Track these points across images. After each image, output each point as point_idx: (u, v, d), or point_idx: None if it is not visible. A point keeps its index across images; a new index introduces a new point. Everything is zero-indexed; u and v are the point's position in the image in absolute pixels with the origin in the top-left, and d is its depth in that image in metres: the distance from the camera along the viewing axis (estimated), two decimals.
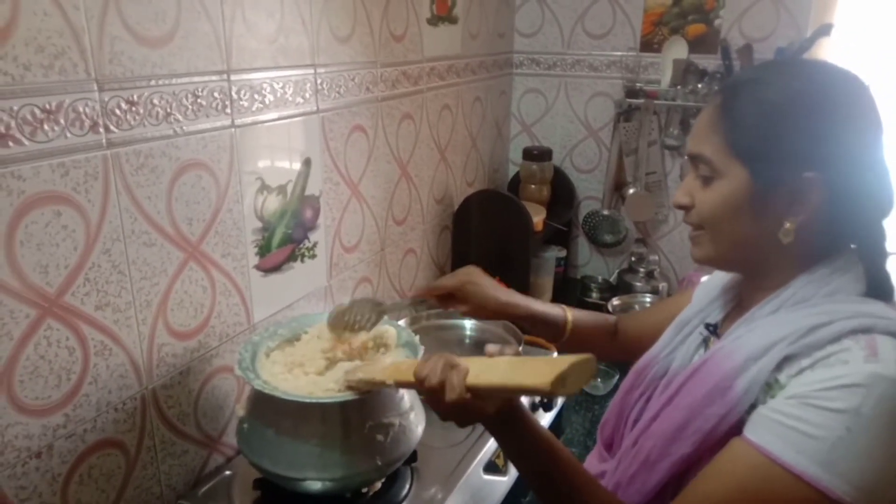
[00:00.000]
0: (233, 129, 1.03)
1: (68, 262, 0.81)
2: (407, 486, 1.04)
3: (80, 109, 0.79)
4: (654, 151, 2.01)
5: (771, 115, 0.68)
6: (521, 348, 1.33)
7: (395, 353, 1.03)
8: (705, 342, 0.81)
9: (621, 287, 2.01)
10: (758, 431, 0.64)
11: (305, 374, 0.97)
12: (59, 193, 0.79)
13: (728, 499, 0.63)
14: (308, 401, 0.88)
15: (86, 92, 0.80)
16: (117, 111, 0.84)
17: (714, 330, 0.81)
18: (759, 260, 0.74)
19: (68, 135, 0.79)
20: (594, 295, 2.03)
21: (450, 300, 1.04)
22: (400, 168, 1.54)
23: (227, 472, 1.07)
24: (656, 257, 2.00)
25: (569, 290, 2.09)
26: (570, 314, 1.04)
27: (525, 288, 1.83)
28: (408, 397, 1.00)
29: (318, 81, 1.20)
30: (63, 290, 0.81)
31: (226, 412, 1.11)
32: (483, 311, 1.03)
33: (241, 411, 0.97)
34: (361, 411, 0.93)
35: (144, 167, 0.89)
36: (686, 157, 0.77)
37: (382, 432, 0.94)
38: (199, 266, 1.01)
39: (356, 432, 0.92)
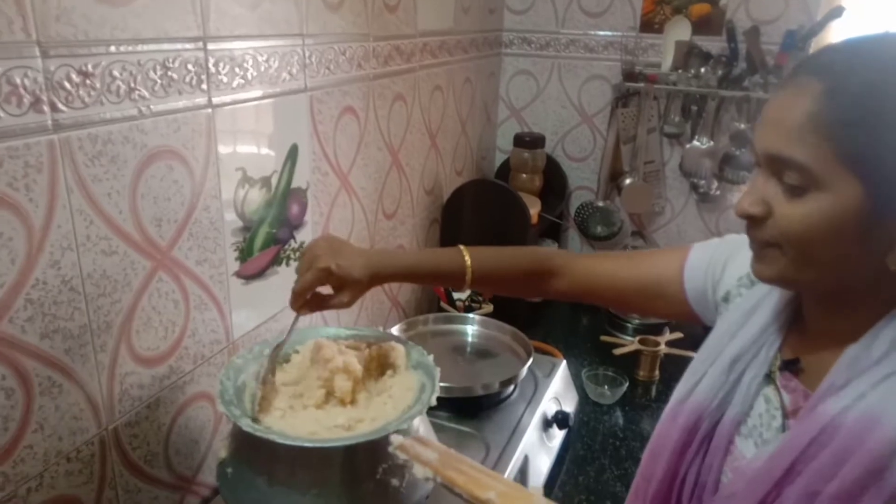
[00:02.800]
0: (209, 110, 0.85)
1: (2, 281, 0.62)
2: None
3: (17, 81, 0.61)
4: (653, 139, 1.89)
5: None
6: (531, 360, 1.19)
7: (405, 375, 0.88)
8: (770, 379, 0.68)
9: None
10: None
11: (304, 408, 0.81)
12: None
13: None
14: (314, 445, 0.72)
15: (25, 58, 0.61)
16: (66, 84, 0.65)
17: (793, 368, 0.67)
18: (851, 286, 0.60)
19: (1, 114, 0.60)
20: None
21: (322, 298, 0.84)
22: (391, 155, 1.37)
23: None
24: None
25: None
26: (469, 260, 0.86)
27: None
28: (422, 427, 0.84)
29: (307, 54, 1.03)
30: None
31: (201, 446, 0.94)
32: (360, 289, 0.83)
33: (223, 452, 0.81)
34: (374, 453, 0.78)
35: (102, 156, 0.71)
36: (760, 156, 0.61)
37: (398, 475, 0.79)
38: (170, 276, 0.83)
39: (367, 478, 0.77)
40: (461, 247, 0.88)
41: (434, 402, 0.81)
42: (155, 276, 0.80)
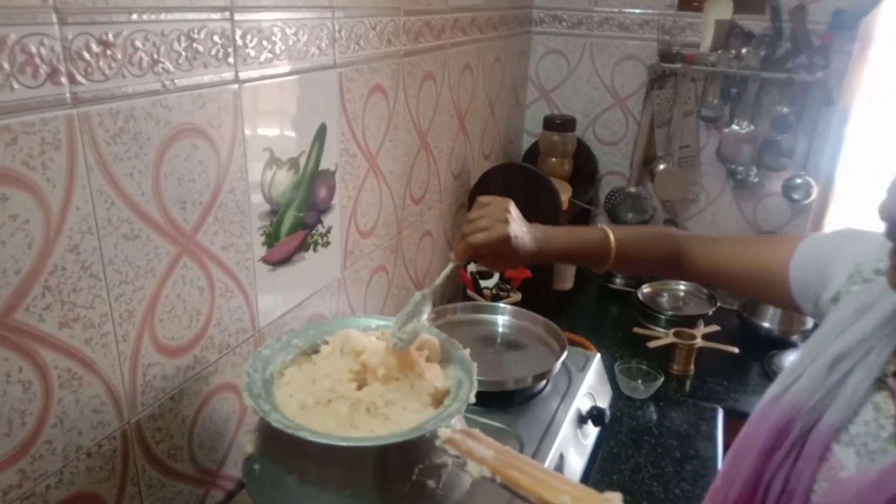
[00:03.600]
0: (236, 85, 0.80)
1: (19, 267, 0.58)
2: None
3: (33, 49, 0.56)
4: (690, 123, 1.81)
5: None
6: (565, 354, 1.14)
7: (439, 370, 0.83)
8: (882, 385, 0.62)
9: None
10: None
11: (333, 402, 0.76)
12: (4, 170, 0.56)
13: None
14: (349, 445, 0.68)
15: (40, 25, 0.56)
16: (86, 55, 0.60)
17: None
18: None
19: (15, 86, 0.55)
20: (618, 281, 1.86)
21: (481, 257, 0.87)
22: (420, 137, 1.32)
23: None
24: None
25: (590, 275, 1.90)
26: (614, 241, 0.88)
27: (549, 275, 1.64)
28: (458, 425, 0.80)
29: (336, 28, 0.97)
30: (12, 308, 0.58)
31: (226, 439, 0.90)
32: (514, 264, 0.88)
33: (249, 447, 0.77)
34: (409, 453, 0.73)
35: (124, 133, 0.66)
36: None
37: (434, 476, 0.74)
38: (195, 262, 0.78)
39: (402, 479, 0.73)
40: (605, 228, 0.89)
41: (473, 400, 0.76)
42: (179, 261, 0.76)
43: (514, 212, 0.84)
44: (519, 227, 0.83)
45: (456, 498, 0.77)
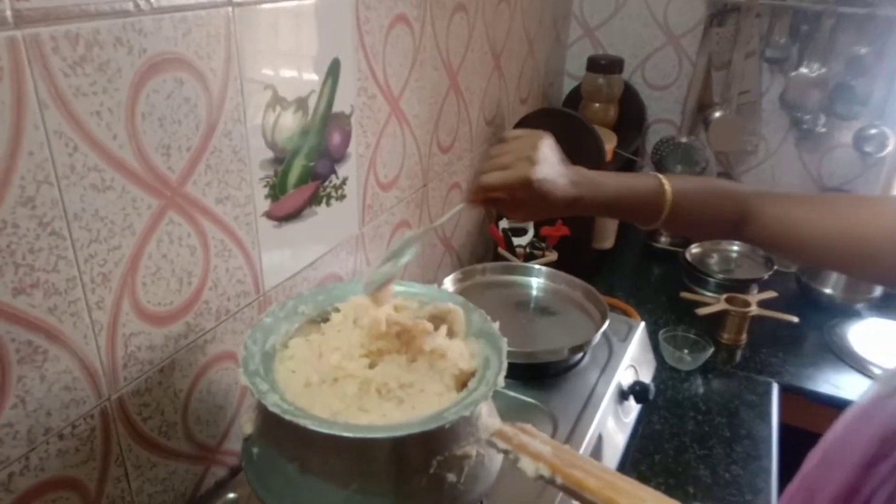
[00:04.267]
0: (230, 9, 0.68)
1: None
2: None
3: None
4: (752, 65, 1.62)
5: None
6: (607, 324, 1.02)
7: (463, 346, 0.72)
8: None
9: None
10: None
11: (340, 380, 0.67)
12: None
13: None
14: (357, 436, 0.58)
15: None
16: None
17: None
18: None
19: None
20: (662, 239, 1.71)
21: (498, 201, 0.73)
22: (449, 77, 1.18)
23: (231, 496, 0.79)
24: None
25: (632, 233, 1.76)
26: (669, 189, 0.73)
27: (588, 233, 1.50)
28: (485, 409, 0.69)
29: None
30: None
31: (227, 412, 0.82)
32: (541, 213, 0.75)
33: (247, 427, 0.68)
34: (426, 443, 0.63)
35: (86, 63, 0.54)
36: None
37: (455, 469, 0.64)
38: (184, 217, 0.68)
39: (419, 472, 0.63)
40: (660, 177, 0.74)
41: (501, 384, 0.65)
42: (164, 216, 0.65)
43: (544, 149, 0.71)
44: (550, 169, 0.70)
45: (479, 493, 0.68)
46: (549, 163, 0.70)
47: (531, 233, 1.41)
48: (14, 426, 0.55)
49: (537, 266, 1.18)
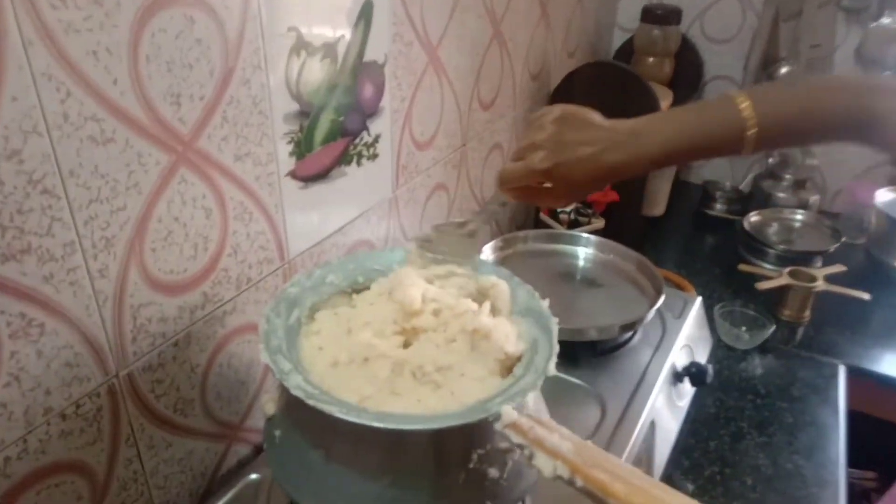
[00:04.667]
0: None
1: None
2: None
3: None
4: (825, 15, 1.47)
5: None
6: (662, 299, 0.93)
7: (507, 325, 0.65)
8: None
9: (757, 197, 1.56)
10: None
11: (371, 360, 0.60)
12: None
13: None
14: (391, 427, 0.51)
15: None
16: None
17: None
18: None
19: None
20: (718, 206, 1.59)
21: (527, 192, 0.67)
22: (492, 26, 1.07)
23: (254, 476, 0.73)
24: (814, 161, 1.52)
25: (685, 198, 1.64)
26: (751, 115, 0.58)
27: (638, 199, 1.40)
28: (531, 399, 0.61)
29: None
30: None
31: (250, 387, 0.76)
32: (582, 196, 0.68)
33: (269, 407, 0.61)
34: (467, 434, 0.56)
35: None
36: None
37: (498, 464, 0.57)
38: (198, 176, 0.61)
39: (458, 466, 0.56)
40: (736, 100, 0.59)
41: (553, 371, 0.57)
42: (175, 174, 0.58)
43: (556, 130, 0.62)
44: (562, 153, 0.62)
45: (523, 490, 0.60)
46: (562, 145, 0.61)
47: None
48: (8, 406, 0.50)
49: (585, 234, 1.09)
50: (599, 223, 1.29)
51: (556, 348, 0.59)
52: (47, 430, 0.53)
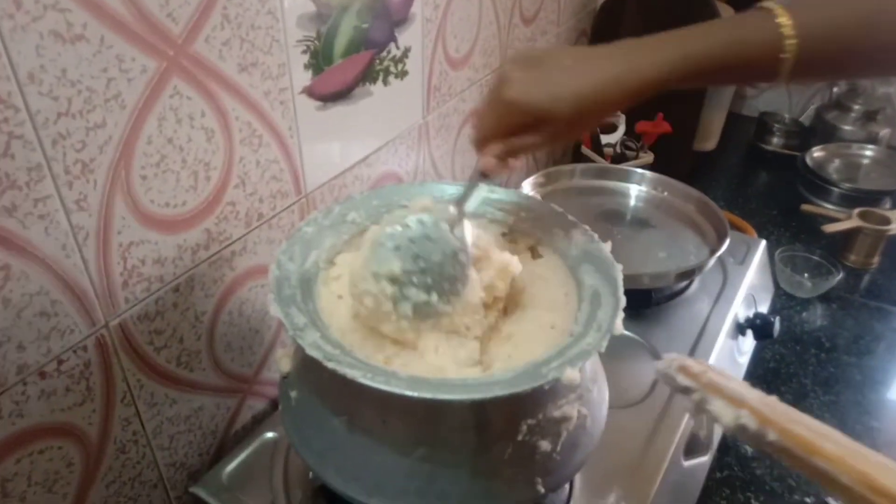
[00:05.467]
0: None
1: None
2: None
3: None
4: None
5: None
6: (725, 245, 0.82)
7: (560, 274, 0.55)
8: None
9: (819, 131, 1.41)
10: None
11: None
12: None
13: None
14: (417, 396, 0.42)
15: None
16: None
17: None
18: None
19: None
20: (775, 140, 1.45)
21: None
22: None
23: (270, 435, 0.66)
24: (889, 89, 1.36)
25: (738, 131, 1.50)
26: (791, 34, 0.46)
27: (691, 131, 1.26)
28: (589, 361, 0.51)
29: None
30: None
31: (265, 336, 0.68)
32: (568, 129, 0.49)
33: (284, 364, 0.53)
34: (517, 403, 0.47)
35: None
36: None
37: (551, 435, 0.49)
38: (195, 87, 0.50)
39: (504, 440, 0.47)
40: (778, 22, 0.46)
41: (620, 328, 0.48)
42: (166, 85, 0.48)
43: (522, 58, 0.48)
44: (532, 80, 0.47)
45: (577, 463, 0.52)
46: (531, 68, 0.47)
47: (622, 128, 1.19)
48: None
49: (638, 170, 0.97)
50: (648, 157, 1.16)
51: (623, 301, 0.50)
52: (24, 391, 0.45)
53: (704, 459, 0.73)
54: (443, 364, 0.47)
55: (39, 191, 0.42)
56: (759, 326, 0.85)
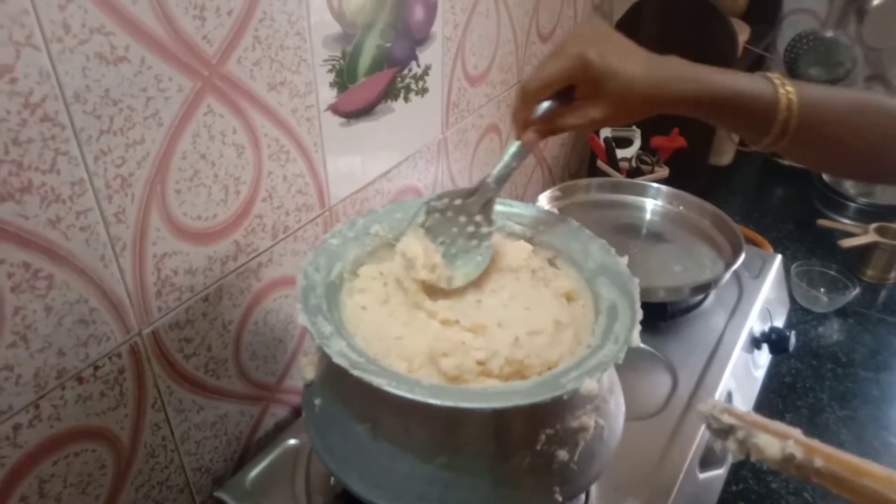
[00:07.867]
0: None
1: None
2: None
3: None
4: None
5: None
6: (741, 259, 0.83)
7: (576, 285, 0.56)
8: None
9: None
10: None
11: (420, 306, 0.52)
12: None
13: None
14: (440, 404, 0.43)
15: None
16: None
17: None
18: None
19: None
20: None
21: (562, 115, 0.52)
22: None
23: (292, 442, 0.67)
24: None
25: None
26: (789, 94, 0.50)
27: (707, 145, 1.27)
28: (606, 374, 0.53)
29: None
30: None
31: (288, 346, 0.69)
32: (625, 107, 0.51)
33: (308, 371, 0.55)
34: (535, 413, 0.48)
35: None
36: None
37: (569, 445, 0.50)
38: (227, 106, 0.52)
39: (523, 449, 0.49)
40: (774, 78, 0.51)
41: (637, 341, 0.49)
42: (201, 103, 0.50)
43: (590, 28, 0.51)
44: (603, 43, 0.49)
45: (594, 473, 0.53)
46: (601, 37, 0.49)
47: (638, 143, 1.20)
48: (15, 369, 0.43)
49: (654, 184, 0.98)
50: (663, 172, 1.17)
51: (640, 314, 0.51)
52: (62, 395, 0.47)
53: (720, 472, 0.73)
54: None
55: (81, 204, 0.44)
56: (774, 341, 0.85)
